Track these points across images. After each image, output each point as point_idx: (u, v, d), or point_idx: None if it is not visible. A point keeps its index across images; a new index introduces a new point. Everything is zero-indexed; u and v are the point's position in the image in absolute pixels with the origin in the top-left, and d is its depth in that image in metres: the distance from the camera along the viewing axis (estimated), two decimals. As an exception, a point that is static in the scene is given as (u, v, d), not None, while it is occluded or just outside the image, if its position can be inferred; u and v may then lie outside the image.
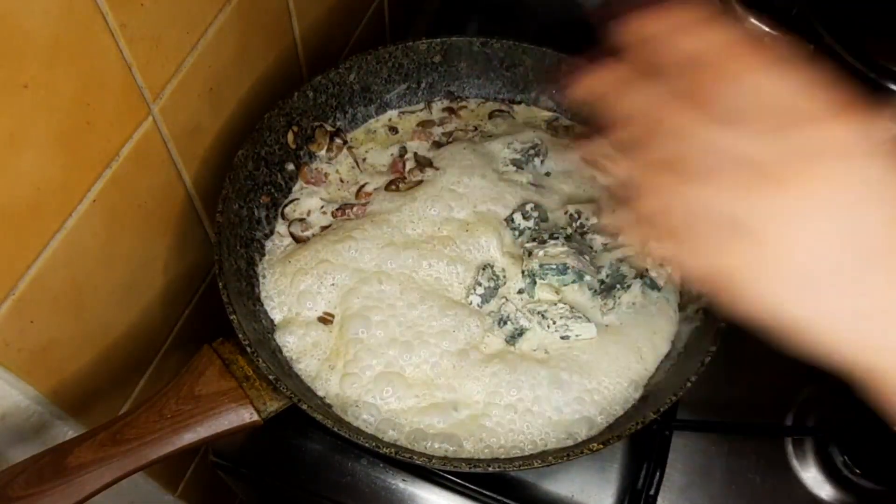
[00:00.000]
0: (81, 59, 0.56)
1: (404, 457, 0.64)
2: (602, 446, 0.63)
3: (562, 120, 0.94)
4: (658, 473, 0.75)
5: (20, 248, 0.57)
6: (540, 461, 0.64)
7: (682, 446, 0.80)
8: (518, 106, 0.95)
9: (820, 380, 0.85)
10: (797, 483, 0.79)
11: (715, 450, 0.81)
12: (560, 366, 0.73)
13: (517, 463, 0.64)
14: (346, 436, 0.63)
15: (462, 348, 0.74)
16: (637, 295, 0.77)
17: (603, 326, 0.77)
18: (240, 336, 0.66)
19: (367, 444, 0.63)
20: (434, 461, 0.64)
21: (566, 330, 0.74)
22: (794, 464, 0.80)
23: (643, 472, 0.76)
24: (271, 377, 0.64)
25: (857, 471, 0.75)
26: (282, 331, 0.74)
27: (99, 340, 0.71)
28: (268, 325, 0.75)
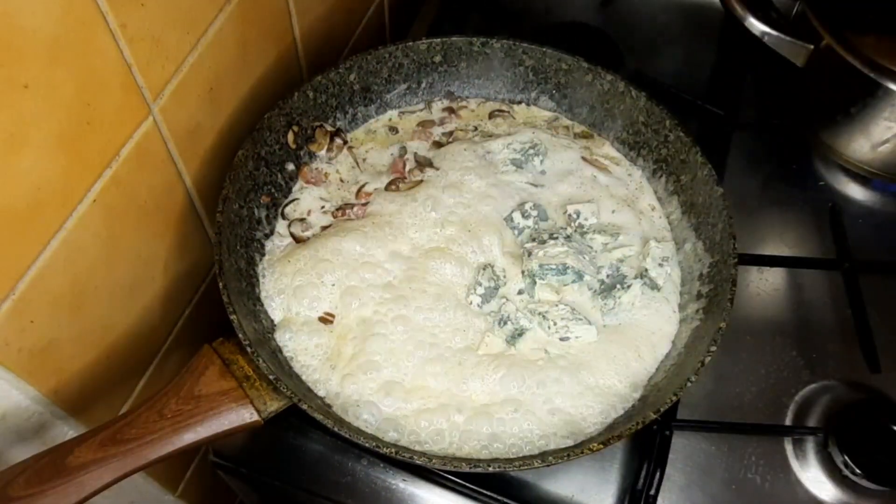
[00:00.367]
0: (81, 59, 0.56)
1: (404, 457, 0.64)
2: (602, 446, 0.63)
3: (562, 120, 0.94)
4: (658, 473, 0.76)
5: (20, 248, 0.57)
6: (540, 461, 0.64)
7: (682, 446, 0.80)
8: (518, 106, 0.95)
9: (820, 380, 0.86)
10: (797, 483, 0.79)
11: (715, 450, 0.81)
12: (560, 366, 0.73)
13: (517, 463, 0.64)
14: (347, 436, 0.63)
15: (462, 348, 0.74)
16: (637, 295, 0.77)
17: (603, 326, 0.77)
18: (240, 336, 0.66)
19: (367, 444, 0.63)
20: (434, 461, 0.64)
21: (567, 331, 0.74)
22: (794, 464, 0.80)
23: (643, 472, 0.76)
24: (271, 377, 0.64)
25: (857, 471, 0.75)
26: (282, 331, 0.74)
27: (99, 340, 0.71)
28: (268, 324, 0.75)
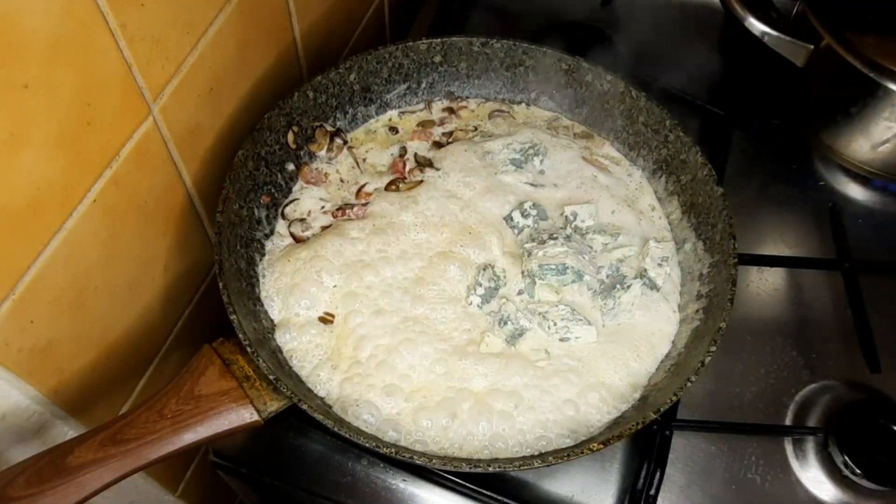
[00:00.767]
0: (82, 59, 0.56)
1: (404, 457, 0.64)
2: (602, 446, 0.63)
3: (561, 120, 0.94)
4: (658, 473, 0.76)
5: (20, 248, 0.57)
6: (540, 461, 0.64)
7: (682, 446, 0.80)
8: (518, 106, 0.95)
9: (820, 380, 0.86)
10: (797, 483, 0.79)
11: (715, 450, 0.81)
12: (560, 366, 0.73)
13: (517, 463, 0.64)
14: (347, 436, 0.63)
15: (462, 348, 0.74)
16: (637, 295, 0.77)
17: (602, 327, 0.77)
18: (240, 336, 0.66)
19: (367, 444, 0.63)
20: (434, 461, 0.64)
21: (567, 332, 0.74)
22: (794, 464, 0.80)
23: (643, 472, 0.76)
24: (271, 377, 0.64)
25: (857, 471, 0.75)
26: (282, 331, 0.74)
27: (99, 340, 0.71)
28: (268, 324, 0.75)
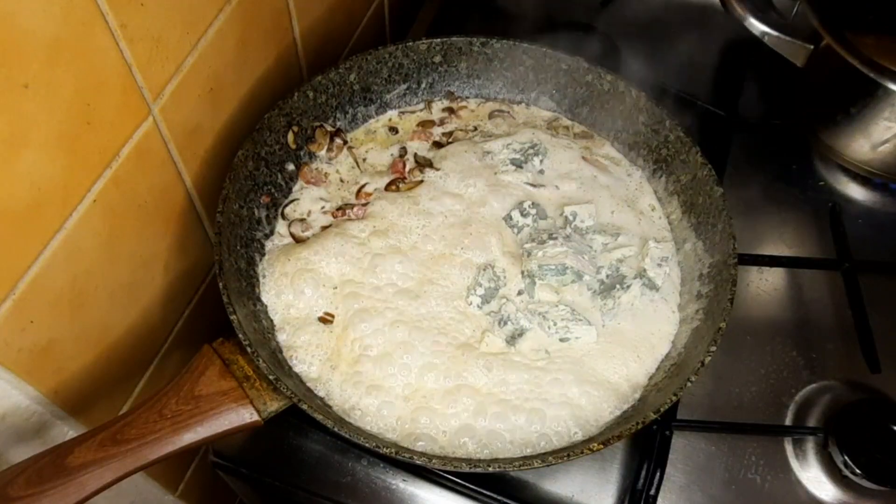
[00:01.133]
0: (82, 59, 0.56)
1: (404, 457, 0.64)
2: (602, 446, 0.63)
3: (561, 120, 0.94)
4: (658, 473, 0.75)
5: (20, 248, 0.57)
6: (540, 461, 0.64)
7: (682, 446, 0.80)
8: (518, 106, 0.95)
9: (820, 380, 0.86)
10: (797, 483, 0.79)
11: (715, 450, 0.81)
12: (560, 366, 0.73)
13: (517, 463, 0.63)
14: (347, 436, 0.63)
15: (463, 349, 0.74)
16: (637, 295, 0.77)
17: (602, 327, 0.77)
18: (240, 336, 0.66)
19: (367, 444, 0.63)
20: (434, 461, 0.64)
21: (567, 332, 0.74)
22: (794, 464, 0.80)
23: (643, 472, 0.76)
24: (271, 377, 0.64)
25: (857, 471, 0.75)
26: (282, 331, 0.74)
27: (99, 340, 0.71)
28: (268, 325, 0.75)
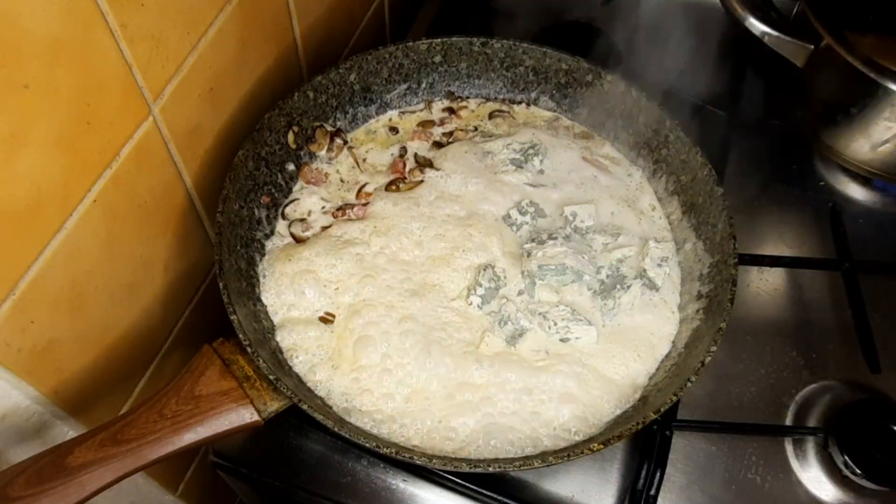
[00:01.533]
0: (82, 60, 0.56)
1: (404, 457, 0.64)
2: (602, 446, 0.63)
3: (561, 120, 0.94)
4: (658, 473, 0.75)
5: (20, 248, 0.57)
6: (540, 461, 0.64)
7: (682, 446, 0.80)
8: (518, 106, 0.95)
9: (820, 380, 0.85)
10: (797, 483, 0.79)
11: (715, 450, 0.81)
12: (560, 366, 0.73)
13: (517, 463, 0.64)
14: (347, 436, 0.63)
15: (463, 349, 0.74)
16: (637, 295, 0.77)
17: (602, 327, 0.77)
18: (240, 336, 0.66)
19: (367, 444, 0.63)
20: (434, 461, 0.64)
21: (567, 332, 0.74)
22: (794, 464, 0.80)
23: (643, 472, 0.76)
24: (271, 377, 0.64)
25: (857, 471, 0.75)
26: (282, 331, 0.74)
27: (99, 340, 0.71)
28: (268, 325, 0.75)
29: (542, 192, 0.85)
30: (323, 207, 0.84)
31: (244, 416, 0.64)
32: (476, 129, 0.92)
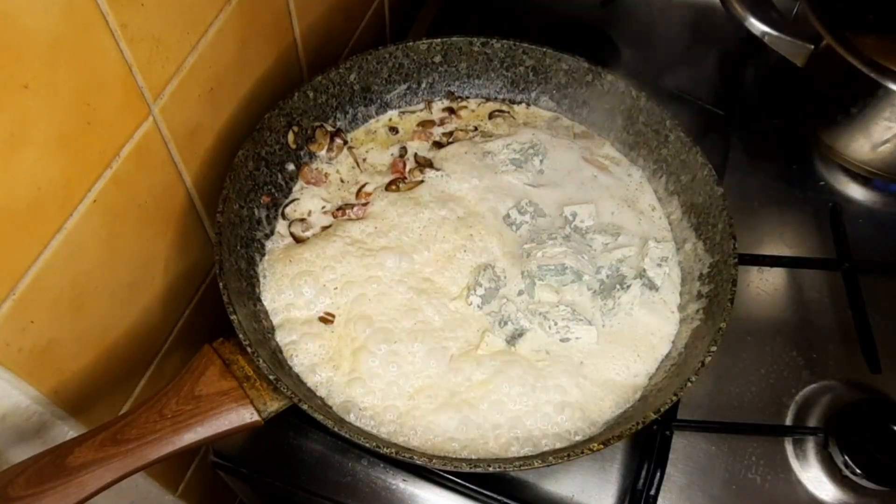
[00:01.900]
0: (82, 60, 0.56)
1: (404, 457, 0.64)
2: (602, 446, 0.63)
3: (561, 120, 0.94)
4: (658, 473, 0.75)
5: (20, 248, 0.57)
6: (540, 461, 0.64)
7: (682, 446, 0.80)
8: (518, 106, 0.95)
9: (820, 380, 0.86)
10: (797, 483, 0.79)
11: (715, 450, 0.81)
12: (560, 366, 0.73)
13: (517, 463, 0.63)
14: (347, 436, 0.63)
15: (463, 349, 0.74)
16: (636, 295, 0.77)
17: (602, 327, 0.77)
18: (240, 336, 0.66)
19: (367, 444, 0.63)
20: (434, 461, 0.64)
21: (567, 332, 0.74)
22: (794, 464, 0.80)
23: (643, 472, 0.76)
24: (271, 377, 0.64)
25: (857, 471, 0.75)
26: (282, 331, 0.74)
27: (99, 340, 0.71)
28: (268, 324, 0.75)
29: (542, 192, 0.85)
30: (323, 207, 0.84)
31: (244, 416, 0.64)
32: (476, 129, 0.92)
